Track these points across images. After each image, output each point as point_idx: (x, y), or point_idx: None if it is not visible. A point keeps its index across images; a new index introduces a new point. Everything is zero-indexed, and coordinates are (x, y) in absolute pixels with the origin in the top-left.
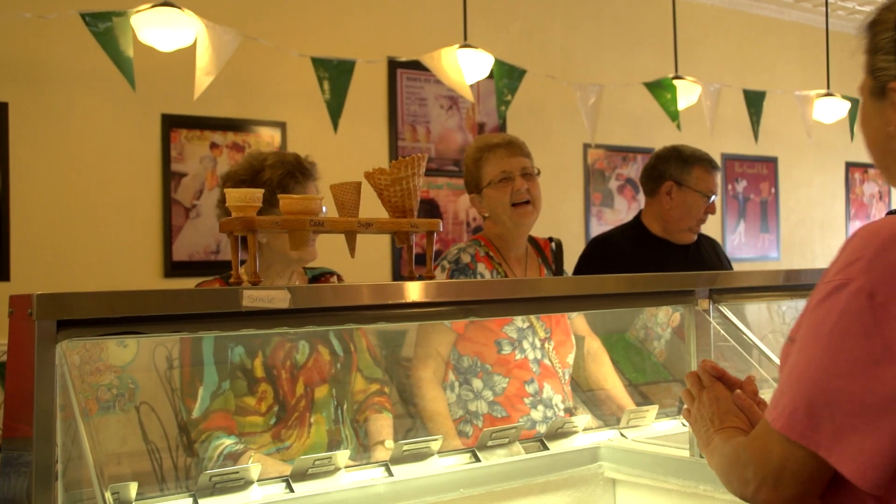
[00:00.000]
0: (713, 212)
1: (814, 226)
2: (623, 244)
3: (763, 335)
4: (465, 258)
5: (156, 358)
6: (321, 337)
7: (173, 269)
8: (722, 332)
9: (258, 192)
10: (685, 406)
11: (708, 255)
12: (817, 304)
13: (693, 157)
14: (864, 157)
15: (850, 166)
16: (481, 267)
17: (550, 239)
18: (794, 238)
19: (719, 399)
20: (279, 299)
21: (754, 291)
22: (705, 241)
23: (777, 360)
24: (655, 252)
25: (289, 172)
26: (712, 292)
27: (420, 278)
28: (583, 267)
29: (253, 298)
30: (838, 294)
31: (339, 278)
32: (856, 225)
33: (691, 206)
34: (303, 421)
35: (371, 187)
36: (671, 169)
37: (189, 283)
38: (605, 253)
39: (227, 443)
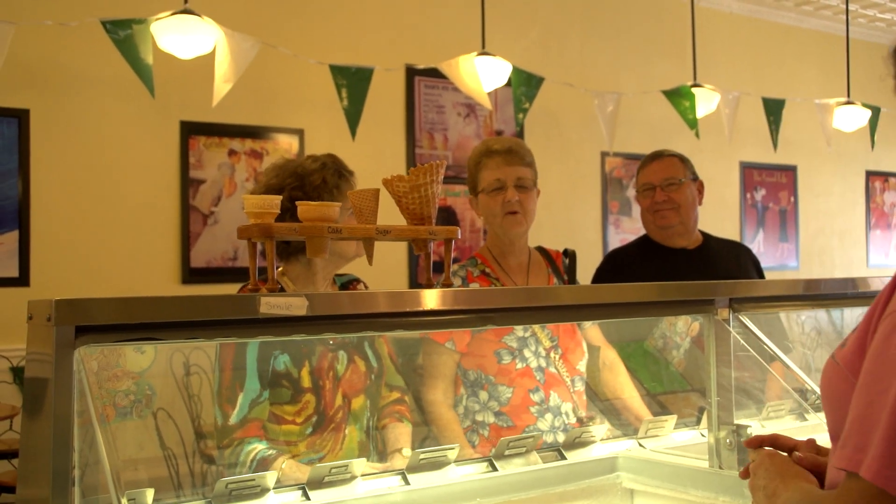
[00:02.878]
0: (661, 199)
1: (833, 235)
2: (633, 254)
3: (783, 345)
4: (456, 281)
5: (173, 364)
6: (356, 346)
7: (191, 275)
8: (742, 341)
9: (277, 199)
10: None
11: (722, 262)
12: (892, 331)
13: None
14: (884, 165)
15: (871, 175)
16: (474, 287)
17: (565, 252)
18: (814, 247)
19: (775, 460)
20: (297, 306)
21: (775, 301)
22: (725, 247)
23: (797, 370)
24: (661, 260)
25: (335, 171)
26: (732, 301)
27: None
28: (597, 279)
29: (271, 305)
30: None
31: (365, 286)
32: (876, 234)
33: (643, 203)
34: (338, 431)
35: (389, 194)
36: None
37: (207, 290)
38: (614, 264)
39: (260, 448)
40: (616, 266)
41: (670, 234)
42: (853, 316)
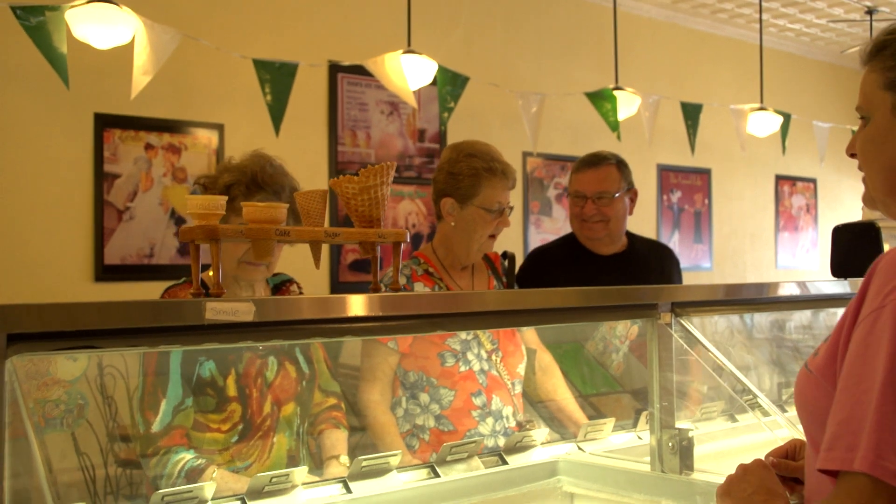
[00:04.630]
0: (591, 212)
1: (745, 237)
2: (558, 255)
3: (724, 348)
4: (402, 280)
5: (105, 372)
6: (287, 352)
7: (105, 272)
8: (685, 345)
9: (222, 199)
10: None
11: (647, 266)
12: (867, 335)
13: None
14: (792, 170)
15: (780, 179)
16: (419, 286)
17: (504, 254)
18: (727, 249)
19: (767, 474)
20: (243, 312)
21: (717, 305)
22: (650, 250)
23: (737, 372)
24: (586, 264)
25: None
26: (674, 306)
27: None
28: (520, 277)
29: (216, 311)
30: (887, 318)
31: (299, 286)
32: (784, 236)
33: (572, 209)
34: (266, 439)
35: (337, 195)
36: None
37: (122, 288)
38: (538, 264)
39: (188, 457)
40: (540, 266)
41: (596, 245)
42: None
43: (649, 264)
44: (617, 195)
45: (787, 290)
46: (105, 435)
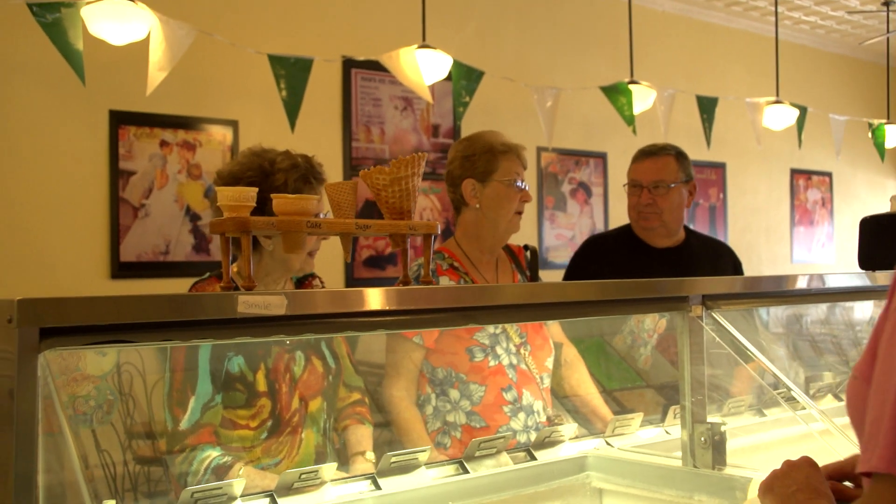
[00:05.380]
0: (646, 201)
1: (760, 231)
2: (612, 245)
3: (757, 341)
4: (443, 262)
5: (135, 368)
6: (314, 347)
7: (121, 269)
8: (716, 338)
9: (252, 191)
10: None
11: (701, 262)
12: (892, 335)
13: None
14: (807, 164)
15: (795, 173)
16: (444, 280)
17: (526, 247)
18: (741, 243)
19: (814, 473)
20: (276, 305)
21: (748, 298)
22: (706, 246)
23: (771, 366)
24: (640, 256)
25: (302, 176)
26: (705, 298)
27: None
28: (573, 264)
29: (249, 304)
30: None
31: (321, 281)
32: (800, 231)
33: (629, 199)
34: (294, 436)
35: (367, 187)
36: None
37: (137, 285)
38: (593, 251)
39: (214, 455)
40: (594, 253)
41: (651, 236)
42: (829, 311)
43: (702, 260)
44: (673, 185)
45: (819, 282)
46: (133, 431)
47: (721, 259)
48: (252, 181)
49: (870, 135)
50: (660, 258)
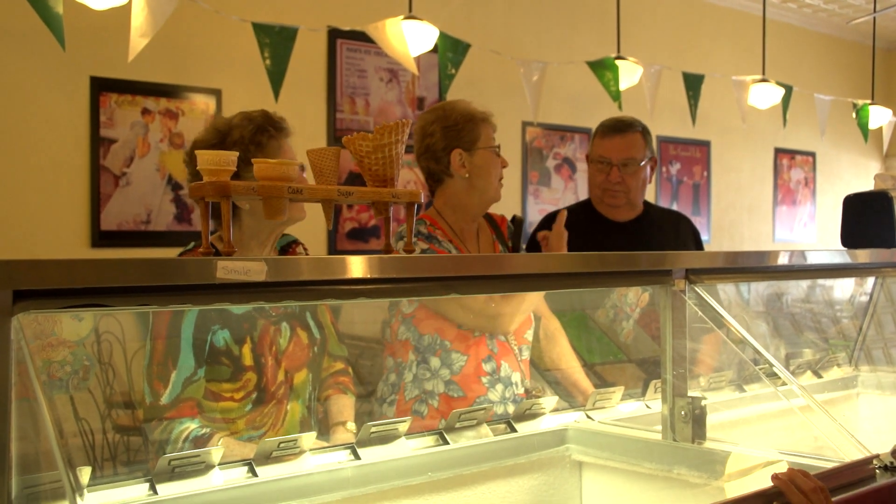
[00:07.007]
0: (615, 179)
1: (743, 210)
2: (572, 219)
3: (739, 316)
4: (423, 229)
5: (113, 334)
6: (298, 317)
7: (101, 238)
8: (699, 313)
9: (233, 155)
10: None
11: (660, 233)
12: None
13: None
14: (791, 143)
15: (779, 152)
16: (448, 246)
17: (514, 218)
18: (724, 221)
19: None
20: (255, 271)
21: (731, 273)
22: (665, 217)
23: (754, 342)
24: (600, 228)
25: (259, 127)
26: (689, 272)
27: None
28: (532, 240)
29: (228, 270)
30: None
31: (304, 248)
32: (782, 210)
33: (595, 176)
34: (280, 406)
35: (350, 154)
36: None
37: (118, 254)
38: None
39: (193, 427)
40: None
41: (615, 212)
42: (811, 287)
43: (663, 229)
44: (642, 163)
45: (802, 259)
46: (112, 401)
47: (681, 226)
48: (212, 144)
49: (854, 115)
50: (621, 230)
